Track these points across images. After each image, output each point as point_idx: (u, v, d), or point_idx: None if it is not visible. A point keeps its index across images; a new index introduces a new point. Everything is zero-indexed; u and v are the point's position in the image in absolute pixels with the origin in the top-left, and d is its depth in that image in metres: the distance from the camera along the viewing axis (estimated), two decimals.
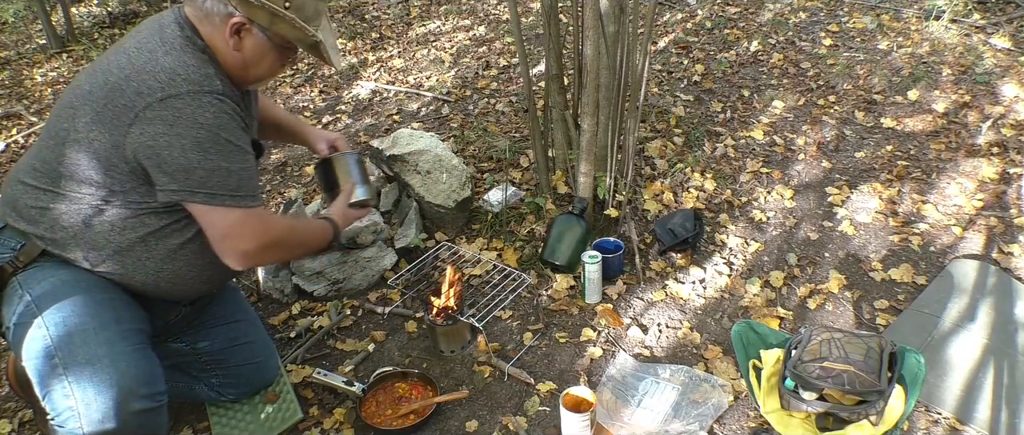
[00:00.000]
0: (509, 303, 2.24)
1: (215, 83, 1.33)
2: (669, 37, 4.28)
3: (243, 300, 1.91)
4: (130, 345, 1.36)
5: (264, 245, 1.42)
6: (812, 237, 2.52)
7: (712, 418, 1.77)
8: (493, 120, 3.46)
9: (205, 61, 1.35)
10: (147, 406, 1.34)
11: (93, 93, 1.34)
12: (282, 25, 1.36)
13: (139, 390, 1.33)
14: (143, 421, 1.35)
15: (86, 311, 1.36)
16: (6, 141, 3.84)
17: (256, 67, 1.43)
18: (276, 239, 1.46)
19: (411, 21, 5.13)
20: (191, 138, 1.29)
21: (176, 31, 1.35)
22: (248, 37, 1.38)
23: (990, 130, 3.03)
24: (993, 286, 2.15)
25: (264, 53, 1.41)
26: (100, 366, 1.30)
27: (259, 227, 1.40)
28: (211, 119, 1.30)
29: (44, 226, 1.39)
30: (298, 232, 1.59)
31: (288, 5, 1.35)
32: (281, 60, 1.46)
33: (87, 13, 6.21)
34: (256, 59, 1.42)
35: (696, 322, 2.15)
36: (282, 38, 1.40)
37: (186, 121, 1.28)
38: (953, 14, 4.03)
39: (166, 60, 1.31)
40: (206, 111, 1.29)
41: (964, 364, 1.86)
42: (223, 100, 1.32)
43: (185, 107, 1.28)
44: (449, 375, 1.99)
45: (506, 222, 2.61)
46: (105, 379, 1.30)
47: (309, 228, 1.63)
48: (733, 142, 3.10)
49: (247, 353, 1.81)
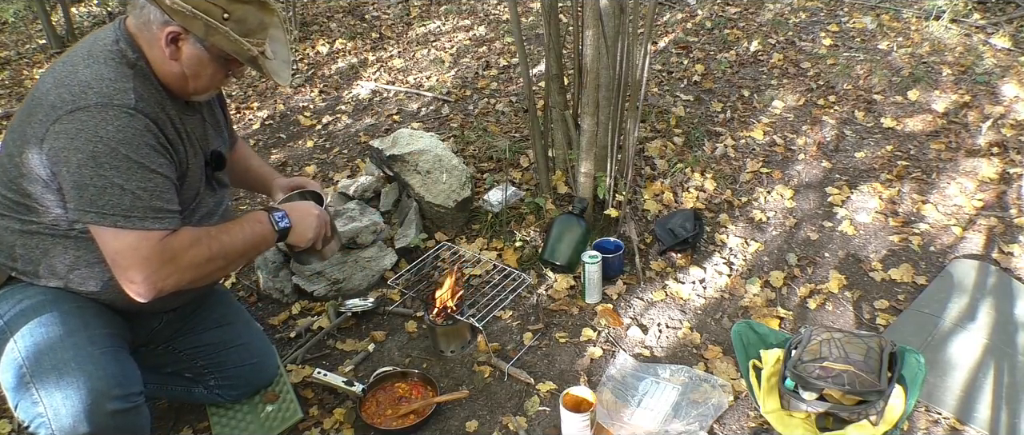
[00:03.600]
0: (509, 303, 2.24)
1: (128, 97, 1.26)
2: (669, 37, 4.28)
3: (234, 302, 1.90)
4: (98, 348, 1.34)
5: (163, 272, 1.27)
6: (812, 237, 2.52)
7: (712, 418, 1.76)
8: (493, 120, 3.46)
9: (125, 74, 1.29)
10: (121, 407, 1.33)
11: (23, 110, 1.31)
12: (217, 37, 1.31)
13: (111, 392, 1.31)
14: (120, 422, 1.33)
15: (53, 321, 1.34)
16: None
17: (196, 79, 1.38)
18: (182, 263, 1.30)
19: (411, 21, 5.13)
20: (87, 152, 1.21)
21: (107, 44, 1.32)
22: (185, 47, 1.32)
23: (990, 130, 3.03)
24: (993, 286, 2.15)
25: (202, 65, 1.35)
26: (66, 371, 1.29)
27: (155, 252, 1.26)
28: (112, 133, 1.22)
29: (4, 253, 1.39)
30: (220, 245, 1.37)
31: (227, 16, 1.29)
32: (223, 71, 1.40)
33: (87, 13, 6.21)
34: (195, 70, 1.36)
35: (696, 322, 2.15)
36: (220, 50, 1.34)
37: (86, 134, 1.22)
38: (953, 14, 4.03)
39: (84, 72, 1.26)
40: (108, 125, 1.22)
41: (964, 364, 1.86)
42: (133, 115, 1.25)
43: (89, 120, 1.22)
44: (449, 375, 1.99)
45: (506, 222, 2.61)
46: (72, 383, 1.28)
47: (235, 236, 1.41)
48: (733, 142, 3.10)
49: (242, 354, 1.80)
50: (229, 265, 1.42)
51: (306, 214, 1.55)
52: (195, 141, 1.46)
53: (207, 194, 1.52)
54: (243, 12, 1.32)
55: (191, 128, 1.46)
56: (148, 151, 1.27)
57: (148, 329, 1.63)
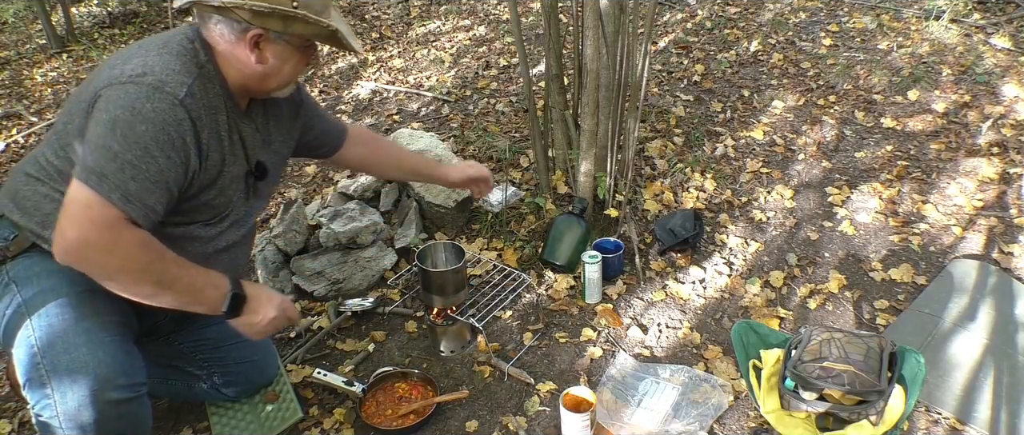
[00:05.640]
0: (509, 303, 2.24)
1: (180, 89, 1.28)
2: (669, 37, 4.28)
3: None
4: (109, 335, 1.36)
5: (94, 247, 1.22)
6: (812, 237, 2.52)
7: (712, 418, 1.77)
8: (493, 120, 3.46)
9: (190, 71, 1.32)
10: (124, 396, 1.34)
11: (87, 80, 1.35)
12: (297, 24, 1.36)
13: (116, 380, 1.32)
14: (122, 411, 1.34)
15: (68, 303, 1.36)
16: (6, 141, 3.84)
17: (279, 74, 1.43)
18: (118, 252, 1.24)
19: (411, 21, 5.13)
20: (113, 117, 1.24)
21: (183, 41, 1.35)
22: (268, 46, 1.38)
23: (990, 130, 3.03)
24: (993, 286, 2.15)
25: (287, 56, 1.41)
26: (77, 355, 1.30)
27: (100, 223, 1.21)
28: (145, 111, 1.24)
29: (36, 220, 1.40)
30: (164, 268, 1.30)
31: (296, 4, 1.35)
32: (305, 60, 1.46)
33: (87, 13, 6.21)
34: (279, 66, 1.41)
35: (696, 322, 2.15)
36: (300, 37, 1.40)
37: (123, 103, 1.24)
38: (953, 14, 4.03)
39: (153, 57, 1.30)
40: (147, 103, 1.24)
41: (964, 364, 1.86)
42: (175, 105, 1.27)
43: (135, 92, 1.25)
44: (449, 375, 1.99)
45: (506, 222, 2.61)
46: (81, 368, 1.30)
47: (186, 275, 1.33)
48: (733, 142, 3.10)
49: (242, 351, 1.80)
50: (159, 293, 1.31)
51: (265, 314, 1.46)
52: (240, 150, 1.48)
53: (240, 203, 1.54)
54: None
55: (244, 135, 1.48)
56: (166, 142, 1.27)
57: (152, 321, 1.64)
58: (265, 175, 1.58)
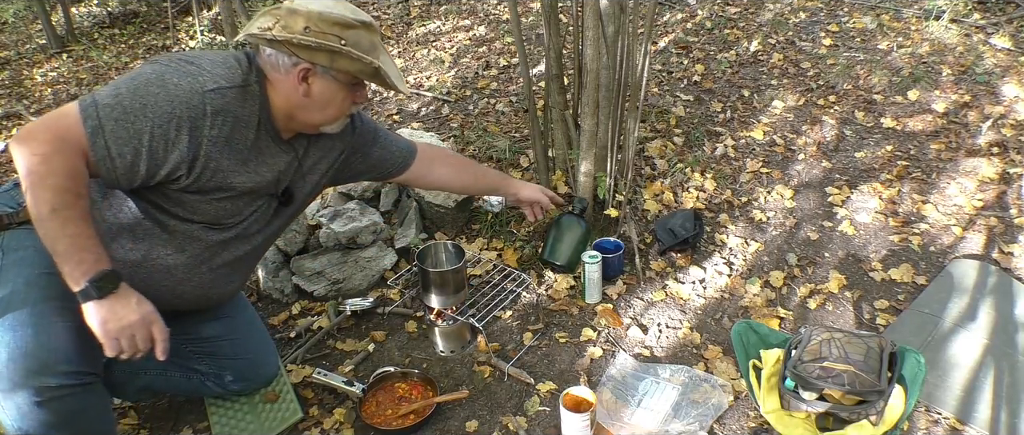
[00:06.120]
0: (509, 303, 2.24)
1: (211, 84, 1.33)
2: (669, 37, 4.28)
3: (241, 297, 1.90)
4: (63, 321, 1.33)
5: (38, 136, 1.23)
6: (812, 237, 2.52)
7: (712, 418, 1.77)
8: (493, 120, 3.46)
9: (233, 81, 1.37)
10: (62, 383, 1.31)
11: None
12: (343, 61, 1.41)
13: (57, 366, 1.29)
14: (59, 396, 1.30)
15: (37, 282, 1.35)
16: (6, 141, 3.85)
17: (326, 108, 1.48)
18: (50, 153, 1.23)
19: (411, 21, 5.13)
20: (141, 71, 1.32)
21: (241, 59, 1.42)
22: (315, 81, 1.43)
23: (990, 130, 3.03)
24: (993, 286, 2.15)
25: (333, 92, 1.46)
26: (21, 333, 1.28)
27: (60, 129, 1.24)
28: (168, 80, 1.30)
29: None
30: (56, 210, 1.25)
31: (343, 42, 1.40)
32: (351, 98, 1.51)
33: (87, 13, 6.21)
34: (327, 99, 1.47)
35: (696, 322, 2.15)
36: (346, 74, 1.44)
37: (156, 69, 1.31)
38: (953, 14, 4.03)
39: (207, 56, 1.38)
40: (173, 76, 1.31)
41: (964, 364, 1.86)
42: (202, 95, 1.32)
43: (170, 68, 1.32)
44: (449, 375, 1.99)
45: (506, 222, 2.61)
46: (20, 346, 1.27)
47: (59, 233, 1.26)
48: (733, 142, 3.10)
49: (240, 348, 1.80)
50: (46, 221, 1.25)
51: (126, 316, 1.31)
52: (266, 171, 1.51)
53: (254, 220, 1.57)
54: (355, 36, 1.42)
55: (274, 161, 1.52)
56: (165, 116, 1.30)
57: None
58: (290, 202, 1.62)
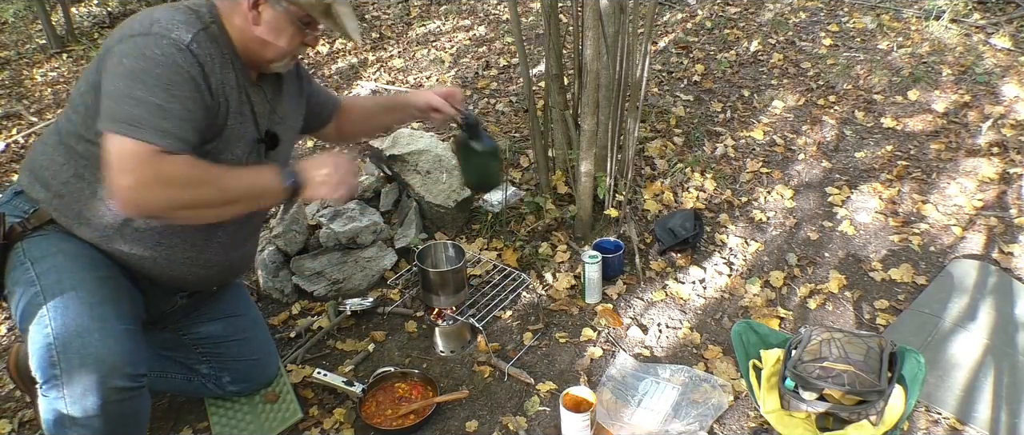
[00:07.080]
0: (509, 303, 2.24)
1: (184, 36, 1.32)
2: (669, 37, 4.28)
3: (246, 297, 1.91)
4: (123, 325, 1.38)
5: (148, 181, 1.26)
6: (812, 237, 2.52)
7: (712, 418, 1.77)
8: (493, 120, 3.46)
9: (193, 25, 1.36)
10: (128, 385, 1.35)
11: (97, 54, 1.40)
12: None
13: (123, 368, 1.34)
14: (123, 399, 1.35)
15: (85, 287, 1.38)
16: (6, 141, 3.84)
17: (274, 45, 1.45)
18: (168, 176, 1.29)
19: (411, 21, 5.13)
20: (128, 67, 1.29)
21: (189, 4, 1.41)
22: (266, 10, 1.41)
23: (990, 130, 3.03)
24: (993, 286, 2.15)
25: (282, 26, 1.43)
26: (90, 339, 1.32)
27: (145, 160, 1.26)
28: (156, 55, 1.29)
29: (54, 188, 1.43)
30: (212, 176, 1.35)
31: None
32: (300, 36, 1.47)
33: (87, 13, 6.21)
34: (274, 33, 1.43)
35: (696, 322, 2.15)
36: (297, 8, 1.42)
37: (135, 54, 1.29)
38: (953, 14, 4.03)
39: (159, 12, 1.36)
40: (156, 48, 1.30)
41: (964, 364, 1.86)
42: (181, 49, 1.31)
43: (144, 42, 1.30)
44: (449, 375, 1.99)
45: (506, 222, 2.61)
46: (92, 352, 1.31)
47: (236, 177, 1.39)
48: (733, 142, 3.10)
49: (244, 348, 1.81)
50: (224, 204, 1.38)
51: (321, 165, 1.44)
52: (249, 113, 1.50)
53: None
54: None
55: (254, 101, 1.51)
56: (180, 80, 1.31)
57: (159, 310, 1.65)
58: (276, 145, 1.60)
